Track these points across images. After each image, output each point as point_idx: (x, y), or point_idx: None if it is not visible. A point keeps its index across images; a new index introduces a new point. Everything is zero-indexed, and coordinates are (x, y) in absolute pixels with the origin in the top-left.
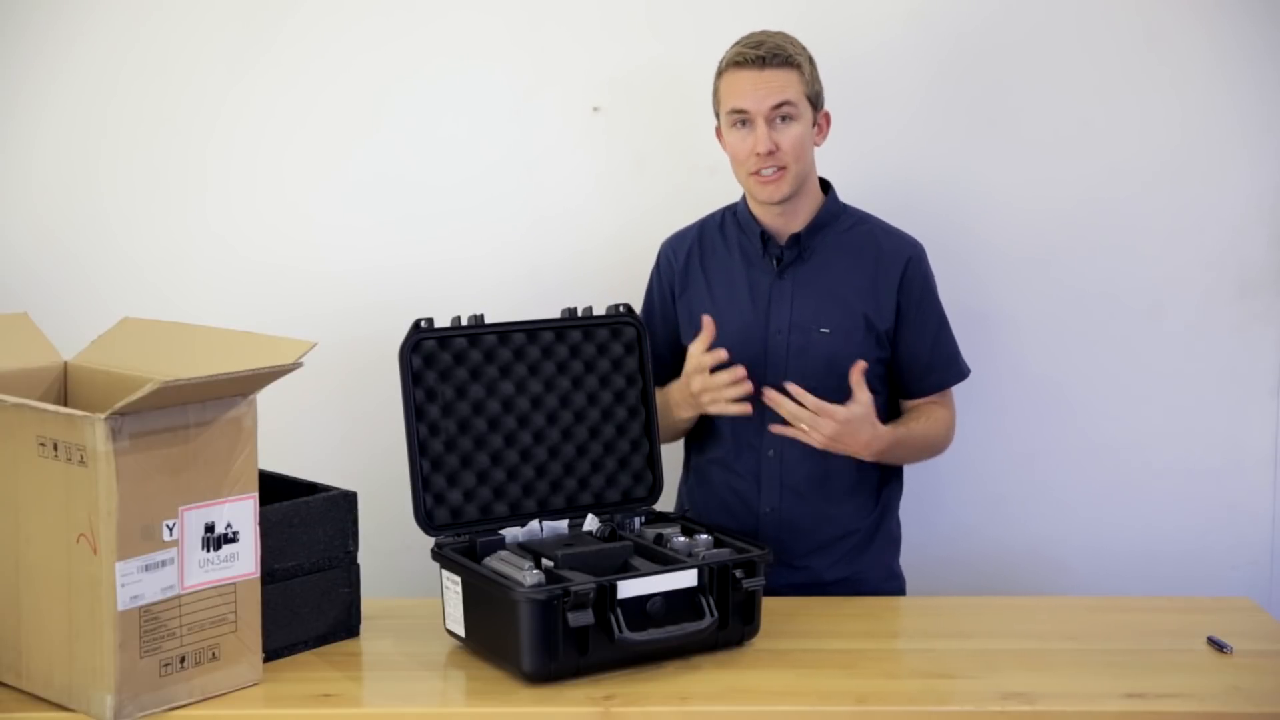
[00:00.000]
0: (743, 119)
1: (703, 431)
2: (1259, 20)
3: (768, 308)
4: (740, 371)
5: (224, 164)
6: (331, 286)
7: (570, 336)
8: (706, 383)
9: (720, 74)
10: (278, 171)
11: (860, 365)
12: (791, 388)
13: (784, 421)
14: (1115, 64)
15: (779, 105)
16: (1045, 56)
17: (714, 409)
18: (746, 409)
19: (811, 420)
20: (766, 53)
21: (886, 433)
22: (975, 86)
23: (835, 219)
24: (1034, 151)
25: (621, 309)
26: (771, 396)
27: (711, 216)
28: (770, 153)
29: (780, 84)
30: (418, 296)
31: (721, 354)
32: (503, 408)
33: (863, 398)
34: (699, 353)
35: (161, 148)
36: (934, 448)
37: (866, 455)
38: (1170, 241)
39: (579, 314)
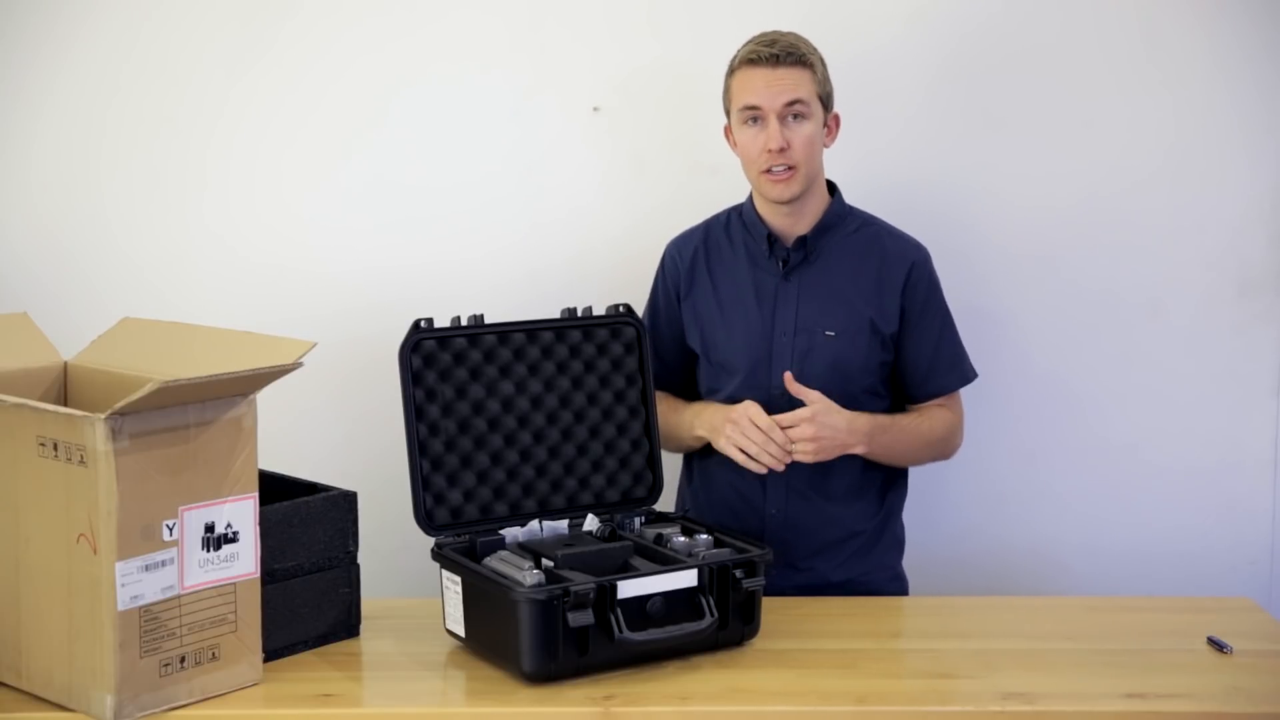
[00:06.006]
0: (754, 116)
1: None
2: (1259, 20)
3: (773, 310)
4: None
5: (224, 164)
6: (331, 287)
7: (570, 336)
8: (748, 430)
9: (732, 71)
10: (278, 172)
11: (788, 375)
12: (787, 380)
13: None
14: (1116, 64)
15: (791, 103)
16: (1046, 56)
17: (729, 448)
18: (756, 468)
19: (793, 436)
20: (780, 51)
21: (861, 416)
22: (976, 86)
23: (841, 221)
24: (1035, 151)
25: (621, 309)
26: (793, 388)
27: (717, 217)
28: (781, 150)
29: (793, 82)
30: (418, 298)
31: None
32: (503, 408)
33: (812, 395)
34: (769, 418)
35: (161, 148)
36: (933, 446)
37: (857, 444)
38: (1170, 241)
39: (579, 314)
